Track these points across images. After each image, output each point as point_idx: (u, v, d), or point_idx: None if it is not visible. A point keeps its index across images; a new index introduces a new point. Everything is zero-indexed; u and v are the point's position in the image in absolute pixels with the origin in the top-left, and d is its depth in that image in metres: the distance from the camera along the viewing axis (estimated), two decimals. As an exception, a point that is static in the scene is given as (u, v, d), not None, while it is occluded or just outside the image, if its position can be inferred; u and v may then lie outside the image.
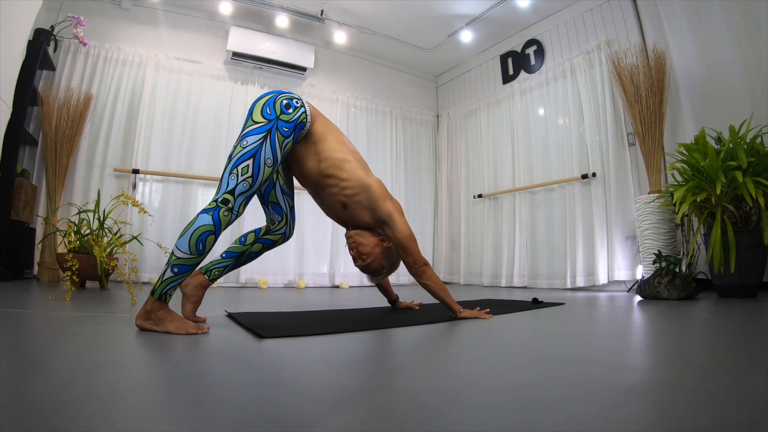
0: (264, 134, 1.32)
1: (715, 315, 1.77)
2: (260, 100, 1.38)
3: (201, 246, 1.22)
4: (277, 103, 1.37)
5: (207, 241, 1.23)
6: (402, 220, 1.54)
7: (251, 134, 1.32)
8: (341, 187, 1.51)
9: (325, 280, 4.25)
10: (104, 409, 0.56)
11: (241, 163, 1.28)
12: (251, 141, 1.31)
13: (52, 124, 3.14)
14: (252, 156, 1.29)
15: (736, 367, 0.86)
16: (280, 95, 1.40)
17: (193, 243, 1.21)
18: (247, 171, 1.28)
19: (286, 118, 1.36)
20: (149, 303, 1.21)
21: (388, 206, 1.54)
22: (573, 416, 0.56)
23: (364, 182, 1.52)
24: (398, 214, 1.54)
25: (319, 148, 1.48)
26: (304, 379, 0.75)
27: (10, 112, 2.43)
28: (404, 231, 1.53)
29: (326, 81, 4.61)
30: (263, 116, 1.34)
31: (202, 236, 1.22)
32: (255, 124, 1.33)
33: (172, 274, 1.21)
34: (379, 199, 1.53)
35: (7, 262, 2.71)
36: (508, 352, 1.05)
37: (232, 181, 1.27)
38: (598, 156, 3.47)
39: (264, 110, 1.35)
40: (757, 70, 2.60)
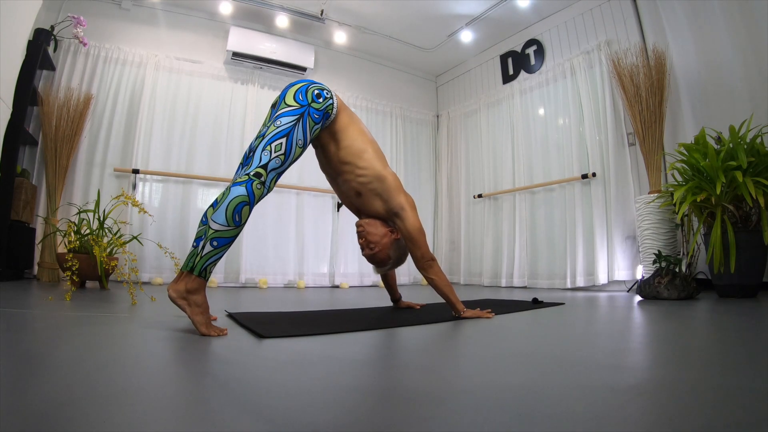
0: (297, 117, 1.37)
1: (715, 315, 1.77)
2: (293, 86, 1.44)
3: (237, 217, 1.24)
4: (309, 92, 1.43)
5: (243, 211, 1.25)
6: (413, 214, 1.59)
7: (285, 115, 1.36)
8: (357, 174, 1.57)
9: (325, 280, 4.25)
10: (104, 409, 0.56)
11: (275, 140, 1.32)
12: (285, 121, 1.35)
13: (52, 124, 3.14)
14: (286, 135, 1.34)
15: (736, 367, 0.86)
16: (313, 84, 1.46)
17: (230, 214, 1.22)
18: (281, 148, 1.32)
19: (316, 106, 1.42)
20: (190, 281, 1.19)
21: (401, 199, 1.59)
22: (573, 416, 0.56)
23: (380, 173, 1.58)
24: (410, 208, 1.60)
25: (340, 136, 1.55)
26: (305, 379, 0.75)
27: (10, 112, 2.43)
28: (415, 224, 1.58)
29: (326, 81, 4.60)
30: (296, 101, 1.39)
31: (238, 207, 1.24)
32: (288, 107, 1.38)
33: (211, 248, 1.20)
34: (393, 191, 1.59)
35: (7, 262, 2.71)
36: (508, 352, 1.05)
37: (265, 156, 1.30)
38: (598, 156, 3.47)
39: (297, 95, 1.41)
40: (757, 70, 2.60)
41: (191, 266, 1.20)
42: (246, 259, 3.83)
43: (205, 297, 1.22)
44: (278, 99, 1.45)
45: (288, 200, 4.17)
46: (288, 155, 1.34)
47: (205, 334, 1.15)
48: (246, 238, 3.86)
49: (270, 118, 1.41)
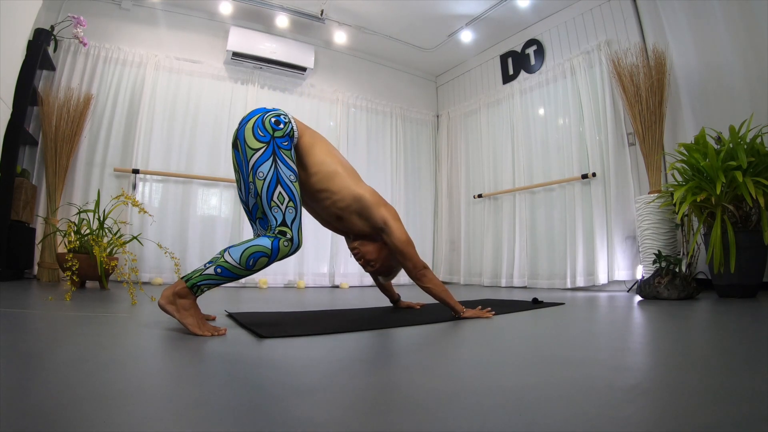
0: (271, 156, 1.29)
1: (715, 315, 1.77)
2: (248, 123, 1.33)
3: (251, 262, 1.23)
4: (266, 123, 1.32)
5: (258, 261, 1.24)
6: (398, 226, 1.54)
7: (260, 162, 1.28)
8: (334, 200, 1.49)
9: (325, 280, 4.25)
10: (104, 409, 0.56)
11: (273, 193, 1.27)
12: (265, 169, 1.28)
13: (52, 124, 3.14)
14: (277, 182, 1.28)
15: (736, 367, 0.86)
16: (266, 114, 1.35)
17: (245, 257, 1.22)
18: (284, 198, 1.28)
19: (279, 134, 1.32)
20: (179, 287, 1.20)
21: (383, 213, 1.53)
22: (573, 416, 0.56)
23: (356, 193, 1.51)
24: (393, 220, 1.54)
25: (307, 161, 1.44)
26: (305, 379, 0.75)
27: (10, 112, 2.43)
28: (401, 236, 1.53)
29: (326, 81, 4.61)
30: (258, 140, 1.30)
31: (256, 254, 1.23)
32: (257, 151, 1.29)
33: (214, 273, 1.21)
34: (372, 208, 1.52)
35: (7, 262, 2.71)
36: (508, 352, 1.05)
37: (278, 214, 1.27)
38: (598, 156, 3.47)
39: (256, 133, 1.31)
40: (757, 70, 2.60)
41: (188, 277, 1.21)
42: (246, 259, 3.83)
43: (194, 303, 1.21)
44: (237, 139, 1.34)
45: (288, 200, 4.16)
46: (294, 198, 1.29)
47: (198, 334, 1.15)
48: (246, 238, 3.86)
49: (241, 165, 1.33)
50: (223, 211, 3.92)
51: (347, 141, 4.58)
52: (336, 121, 4.56)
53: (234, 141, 1.38)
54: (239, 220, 3.91)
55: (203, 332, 1.16)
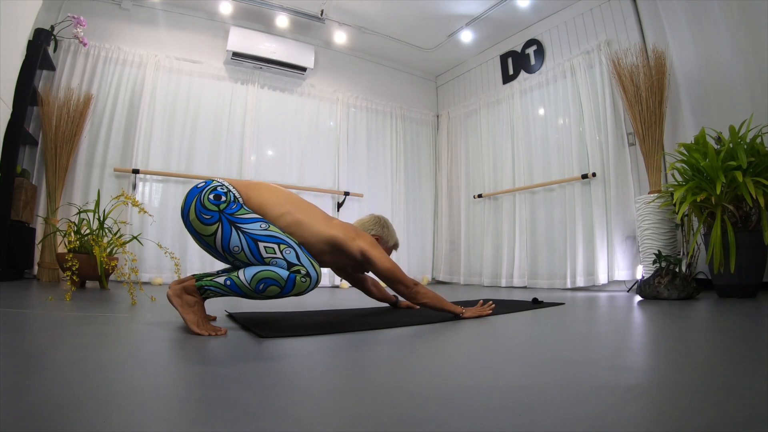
0: (231, 228, 1.23)
1: (715, 315, 1.77)
2: (189, 211, 1.25)
3: (261, 287, 1.21)
4: (206, 203, 1.24)
5: (269, 288, 1.22)
6: (377, 253, 1.48)
7: (226, 240, 1.23)
8: (309, 245, 1.37)
9: (325, 280, 4.25)
10: (104, 409, 0.56)
11: (260, 253, 1.23)
12: (236, 242, 1.23)
13: (52, 124, 3.14)
14: (254, 241, 1.23)
15: (736, 367, 0.86)
16: (202, 194, 1.26)
17: (256, 280, 1.20)
18: (272, 248, 1.24)
19: (224, 206, 1.25)
20: (189, 283, 1.21)
21: (359, 244, 1.46)
22: (573, 416, 0.56)
23: (326, 235, 1.40)
24: (372, 248, 1.48)
25: (267, 218, 1.33)
26: (304, 379, 0.75)
27: (10, 112, 2.43)
28: (384, 264, 1.48)
29: (326, 81, 4.61)
30: (209, 224, 1.23)
31: (268, 281, 1.21)
32: (216, 233, 1.23)
33: (223, 283, 1.20)
34: (347, 243, 1.44)
35: (7, 262, 2.71)
36: (507, 352, 1.05)
37: (280, 262, 1.23)
38: (598, 156, 3.47)
39: (203, 219, 1.24)
40: (757, 70, 2.60)
41: (200, 277, 1.23)
42: (246, 259, 3.83)
43: (199, 300, 1.22)
44: (190, 230, 1.28)
45: (288, 200, 4.16)
46: (281, 240, 1.25)
47: (196, 332, 1.16)
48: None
49: (208, 245, 1.28)
50: (223, 211, 3.91)
51: (347, 141, 4.58)
52: (336, 121, 4.56)
53: (183, 219, 1.30)
54: (239, 220, 3.90)
55: (201, 331, 1.16)
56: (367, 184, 4.61)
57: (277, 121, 4.24)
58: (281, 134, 4.25)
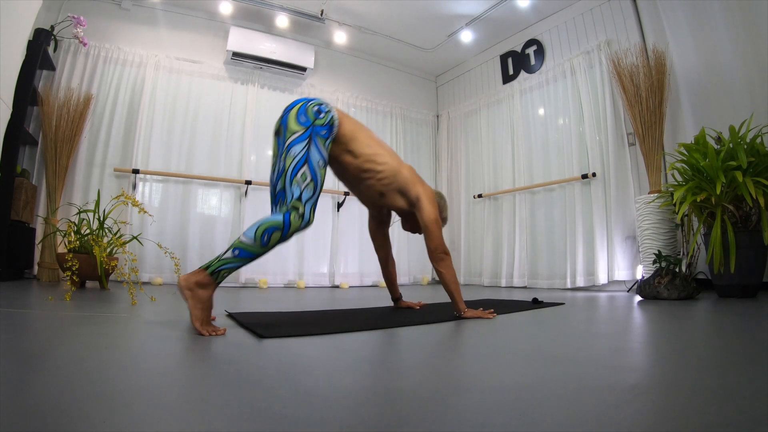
0: (306, 140, 1.39)
1: (715, 315, 1.77)
2: (292, 110, 1.44)
3: (266, 238, 1.28)
4: (309, 111, 1.43)
5: (273, 235, 1.29)
6: (430, 206, 1.65)
7: (295, 143, 1.38)
8: (378, 179, 1.63)
9: (325, 280, 4.25)
10: (104, 409, 0.56)
11: (298, 171, 1.35)
12: (298, 150, 1.37)
13: (52, 124, 3.14)
14: (305, 162, 1.36)
15: (736, 367, 0.86)
16: (310, 102, 1.45)
17: (259, 233, 1.27)
18: (306, 177, 1.35)
19: (320, 123, 1.43)
20: (202, 276, 1.23)
21: (418, 189, 1.67)
22: (573, 416, 0.56)
23: (397, 170, 1.65)
24: (427, 199, 1.65)
25: (351, 147, 1.57)
26: (304, 379, 0.75)
27: (10, 112, 2.43)
28: (430, 215, 1.63)
29: (326, 81, 4.61)
30: (299, 124, 1.40)
31: (269, 229, 1.29)
32: (295, 134, 1.39)
33: (232, 255, 1.25)
34: (410, 184, 1.67)
35: (7, 262, 2.71)
36: (508, 352, 1.05)
37: (296, 190, 1.34)
38: (598, 156, 3.47)
39: (298, 118, 1.41)
40: (757, 70, 2.60)
41: (208, 265, 1.25)
42: (246, 259, 3.83)
43: (211, 297, 1.24)
44: (280, 126, 1.44)
45: (288, 200, 4.16)
46: (316, 180, 1.38)
47: (198, 330, 1.16)
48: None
49: (280, 149, 1.41)
50: (223, 211, 3.92)
51: (347, 141, 4.58)
52: (336, 121, 4.56)
53: (277, 129, 1.47)
54: (239, 220, 3.91)
55: (202, 330, 1.16)
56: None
57: (277, 121, 4.23)
58: (281, 134, 4.24)
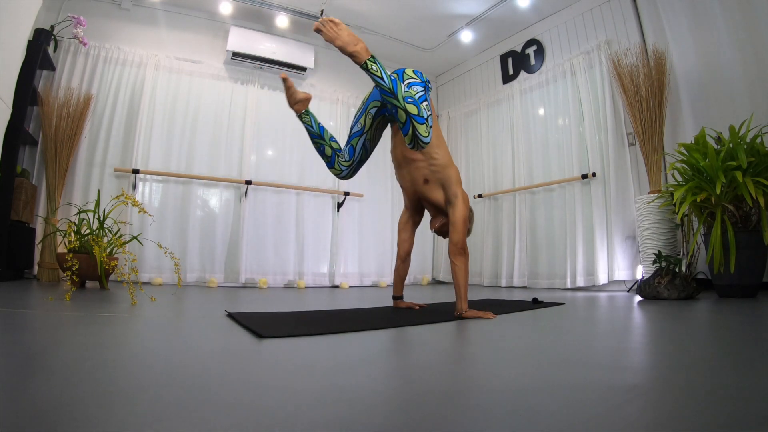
0: (424, 88, 1.80)
1: (715, 315, 1.77)
2: (408, 69, 1.86)
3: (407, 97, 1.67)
4: (424, 74, 1.86)
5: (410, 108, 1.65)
6: (463, 207, 1.77)
7: (416, 85, 1.78)
8: (429, 164, 1.80)
9: (325, 280, 4.25)
10: (104, 409, 0.56)
11: (424, 101, 1.73)
12: (419, 89, 1.77)
13: (52, 124, 3.14)
14: (425, 100, 1.76)
15: (736, 367, 0.86)
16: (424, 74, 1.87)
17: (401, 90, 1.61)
18: (429, 108, 1.73)
19: (430, 86, 1.85)
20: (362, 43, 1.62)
21: (458, 190, 1.80)
22: (573, 416, 0.56)
23: (448, 164, 1.82)
24: (462, 201, 1.78)
25: None
26: (304, 379, 0.75)
27: (10, 112, 2.43)
28: (462, 213, 1.76)
29: (326, 81, 4.61)
30: (416, 75, 1.83)
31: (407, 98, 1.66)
32: (413, 79, 1.81)
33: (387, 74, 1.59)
34: (454, 183, 1.81)
35: (7, 262, 2.71)
36: (507, 352, 1.05)
37: (424, 113, 1.68)
38: (598, 156, 3.47)
39: (417, 73, 1.84)
40: (757, 70, 2.60)
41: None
42: (246, 259, 3.83)
43: None
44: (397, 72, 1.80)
45: (288, 200, 4.17)
46: (430, 112, 1.73)
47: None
48: (246, 238, 3.86)
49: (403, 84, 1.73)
50: (223, 211, 3.92)
51: (347, 141, 4.58)
52: (336, 121, 4.56)
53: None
54: (239, 220, 3.91)
55: None
56: (368, 184, 4.61)
57: (277, 122, 4.23)
58: (281, 134, 4.25)
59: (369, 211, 4.60)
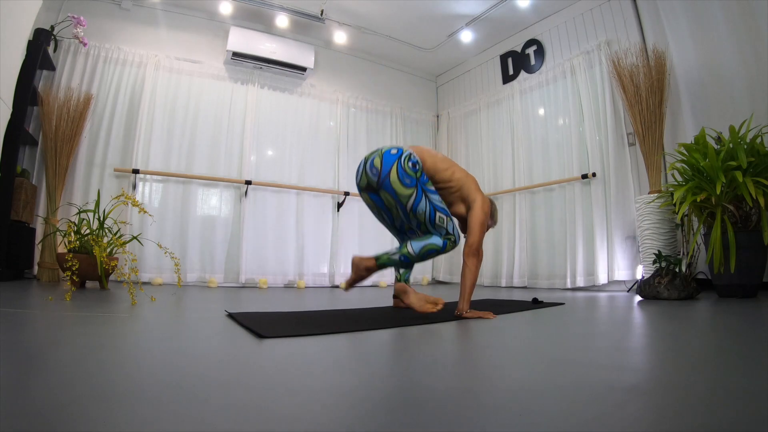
0: (423, 196, 1.71)
1: (715, 315, 1.77)
2: (390, 174, 1.69)
3: (425, 255, 1.72)
4: (407, 170, 1.69)
5: (431, 253, 1.73)
6: (481, 211, 1.80)
7: (416, 204, 1.71)
8: (449, 188, 1.85)
9: (325, 280, 4.25)
10: (104, 409, 0.56)
11: (435, 219, 1.73)
12: (423, 207, 1.72)
13: (52, 124, 3.14)
14: (434, 209, 1.73)
15: (736, 367, 0.86)
16: (401, 160, 1.69)
17: (424, 251, 1.70)
18: (443, 219, 1.74)
19: (419, 174, 1.71)
20: (371, 261, 1.71)
21: (477, 196, 1.84)
22: (573, 416, 0.56)
23: (464, 181, 1.86)
24: (481, 205, 1.81)
25: (437, 177, 1.81)
26: (304, 379, 0.75)
27: (10, 112, 2.43)
28: (479, 217, 1.79)
29: (326, 81, 4.61)
30: (408, 187, 1.70)
31: (431, 250, 1.72)
32: (410, 197, 1.70)
33: (397, 258, 1.71)
34: (471, 191, 1.85)
35: (7, 262, 2.71)
36: (507, 352, 1.05)
37: (442, 230, 1.74)
38: (598, 156, 3.47)
39: (404, 182, 1.69)
40: (757, 70, 2.60)
41: (378, 256, 1.71)
42: (246, 259, 3.83)
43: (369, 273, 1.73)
44: (381, 188, 1.72)
45: (288, 200, 4.17)
46: (448, 213, 1.76)
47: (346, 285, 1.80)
48: (246, 239, 3.86)
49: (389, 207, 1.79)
50: (223, 211, 3.92)
51: (347, 141, 4.59)
52: (336, 121, 4.56)
53: (366, 186, 1.78)
54: (239, 220, 3.91)
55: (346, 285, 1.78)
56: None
57: (277, 122, 4.24)
58: (281, 134, 4.25)
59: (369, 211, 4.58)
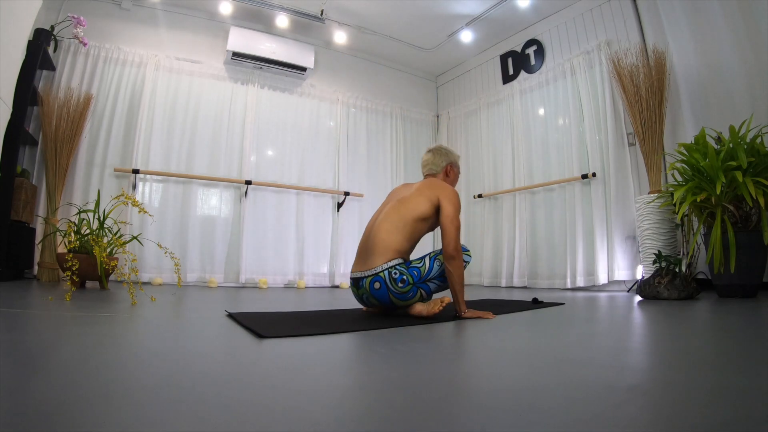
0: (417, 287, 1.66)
1: (715, 315, 1.77)
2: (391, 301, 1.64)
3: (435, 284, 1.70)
4: (400, 290, 1.62)
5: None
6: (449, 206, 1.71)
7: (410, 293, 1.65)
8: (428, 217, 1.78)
9: (325, 280, 4.25)
10: (105, 409, 0.56)
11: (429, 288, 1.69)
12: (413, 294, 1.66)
13: (52, 124, 3.14)
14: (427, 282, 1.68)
15: (736, 367, 0.86)
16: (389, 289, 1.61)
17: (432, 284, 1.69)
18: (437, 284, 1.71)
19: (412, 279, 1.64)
20: None
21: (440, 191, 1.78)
22: (573, 416, 0.56)
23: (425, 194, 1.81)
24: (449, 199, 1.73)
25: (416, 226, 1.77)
26: (304, 379, 0.75)
27: (10, 112, 2.42)
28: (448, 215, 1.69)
29: (326, 81, 4.61)
30: (409, 293, 1.64)
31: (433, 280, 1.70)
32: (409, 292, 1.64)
33: None
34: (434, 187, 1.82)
35: (7, 262, 2.71)
36: (508, 352, 1.05)
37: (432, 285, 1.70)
38: (598, 156, 3.47)
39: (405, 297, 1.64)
40: (757, 70, 2.60)
41: None
42: (246, 259, 3.83)
43: None
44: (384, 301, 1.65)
45: (288, 200, 4.17)
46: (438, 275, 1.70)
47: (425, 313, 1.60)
48: (246, 238, 3.86)
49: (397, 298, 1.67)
50: (223, 211, 3.92)
51: (347, 141, 4.59)
52: (336, 121, 4.56)
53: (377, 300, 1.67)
54: (239, 220, 3.91)
55: None
56: (367, 184, 4.61)
57: (277, 122, 4.24)
58: (281, 134, 4.25)
59: (369, 211, 4.58)
